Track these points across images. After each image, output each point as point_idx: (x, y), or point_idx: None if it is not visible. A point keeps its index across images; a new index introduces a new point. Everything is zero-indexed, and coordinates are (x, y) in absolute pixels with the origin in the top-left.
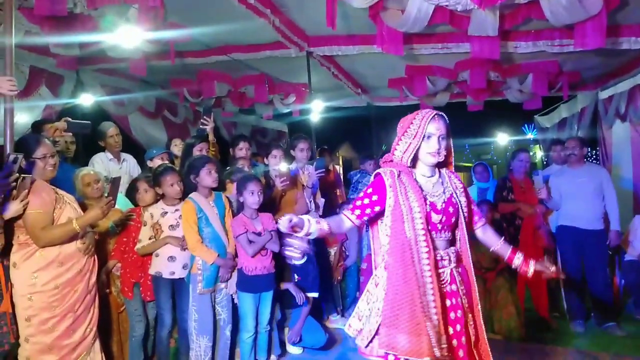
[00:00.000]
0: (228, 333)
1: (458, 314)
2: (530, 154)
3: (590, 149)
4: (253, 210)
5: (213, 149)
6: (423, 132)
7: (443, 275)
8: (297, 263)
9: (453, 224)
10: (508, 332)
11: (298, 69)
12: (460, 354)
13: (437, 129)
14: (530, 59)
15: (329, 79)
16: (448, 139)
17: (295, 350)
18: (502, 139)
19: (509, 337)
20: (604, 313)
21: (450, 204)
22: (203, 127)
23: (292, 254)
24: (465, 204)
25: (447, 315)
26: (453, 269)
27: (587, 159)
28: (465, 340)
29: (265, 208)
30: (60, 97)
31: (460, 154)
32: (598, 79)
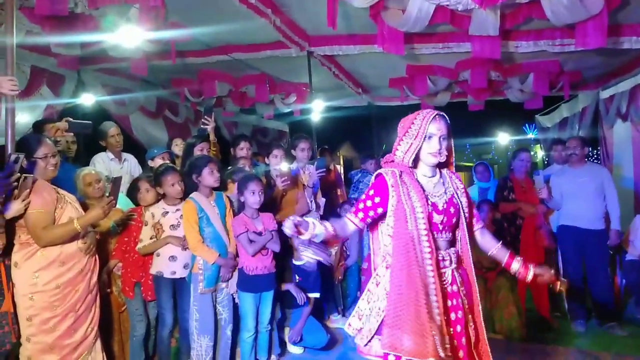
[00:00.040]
0: (229, 333)
1: (459, 315)
2: (531, 154)
3: (591, 149)
4: (254, 210)
5: (214, 149)
6: (424, 132)
7: (445, 276)
8: (298, 263)
9: (454, 225)
10: (509, 332)
11: (299, 69)
12: (461, 355)
13: (438, 129)
14: (531, 59)
15: (330, 79)
16: (449, 139)
17: (296, 350)
18: (503, 139)
19: (510, 337)
20: (605, 313)
21: (452, 205)
22: (204, 126)
23: (308, 257)
24: (466, 205)
25: (448, 316)
26: (454, 270)
27: (588, 159)
28: (466, 341)
29: (266, 208)
30: (62, 96)
31: (461, 154)
32: (599, 79)
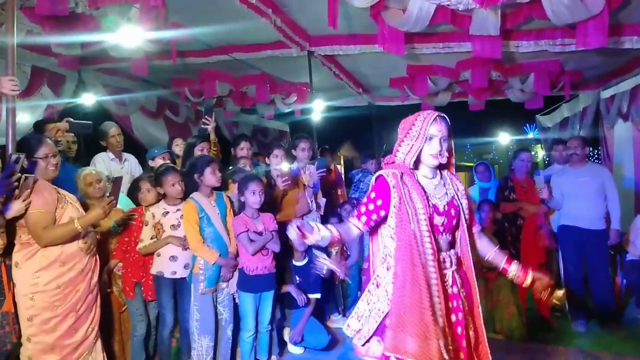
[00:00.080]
0: (229, 333)
1: (459, 317)
2: (532, 154)
3: (592, 149)
4: (254, 210)
5: (215, 149)
6: (425, 133)
7: (446, 278)
8: (298, 264)
9: (454, 226)
10: (509, 331)
11: (299, 69)
12: (462, 357)
13: (438, 131)
14: (532, 59)
15: (330, 79)
16: (449, 140)
17: (297, 350)
18: (503, 139)
19: (511, 336)
20: (606, 313)
21: (452, 206)
22: (204, 126)
23: (326, 264)
24: (466, 207)
25: (449, 318)
26: (454, 272)
27: (589, 159)
28: (466, 344)
29: (267, 208)
30: (62, 96)
31: (462, 154)
32: (600, 79)
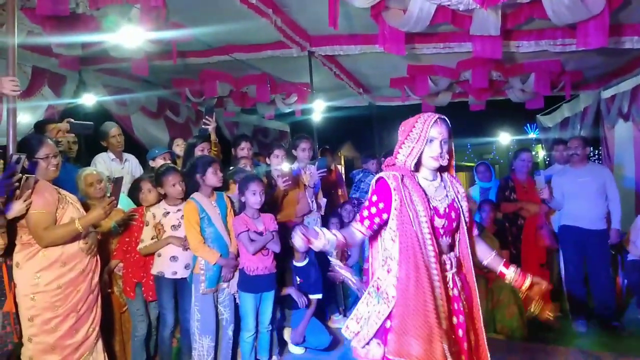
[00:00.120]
0: (230, 333)
1: (460, 319)
2: (533, 154)
3: (593, 149)
4: (255, 210)
5: (215, 149)
6: (426, 136)
7: (447, 280)
8: (298, 265)
9: (454, 229)
10: (510, 331)
11: (300, 69)
12: (463, 359)
13: (439, 133)
14: (533, 59)
15: (331, 79)
16: (450, 142)
17: (298, 350)
18: (504, 139)
19: (511, 336)
20: (607, 313)
21: (453, 209)
22: (205, 127)
23: (343, 273)
24: (466, 209)
25: (451, 320)
26: (454, 274)
27: (589, 159)
28: (467, 346)
29: (267, 208)
30: (63, 97)
31: (463, 154)
32: (600, 78)
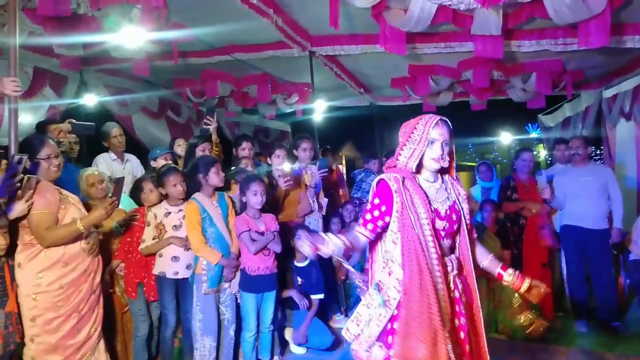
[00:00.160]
0: (232, 333)
1: (462, 321)
2: (534, 153)
3: (595, 148)
4: (256, 210)
5: (217, 149)
6: (427, 137)
7: (449, 282)
8: (300, 265)
9: (455, 231)
10: (512, 331)
11: (301, 69)
12: None
13: (440, 135)
14: (534, 58)
15: (332, 79)
16: (451, 144)
17: (299, 351)
18: (505, 138)
19: (513, 336)
20: (609, 313)
21: (454, 211)
22: (206, 127)
23: (356, 278)
24: (467, 211)
25: (453, 323)
26: (455, 276)
27: (591, 159)
28: (469, 348)
29: (268, 208)
30: (64, 97)
31: (464, 154)
32: (602, 78)
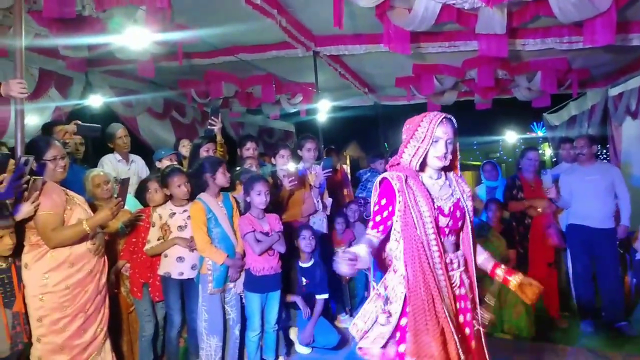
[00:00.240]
0: (237, 332)
1: (467, 317)
2: (540, 152)
3: (600, 147)
4: (260, 211)
5: (221, 150)
6: (431, 136)
7: (453, 279)
8: (304, 266)
9: (459, 228)
10: (517, 331)
11: (305, 69)
12: (470, 358)
13: (444, 133)
14: (539, 57)
15: (336, 79)
16: (455, 142)
17: (304, 350)
18: (510, 137)
19: (519, 336)
20: (615, 312)
21: (458, 208)
22: (211, 127)
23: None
24: (471, 209)
25: (458, 319)
26: (462, 273)
27: (598, 157)
28: (475, 344)
29: (273, 208)
30: (70, 98)
31: (469, 153)
32: (608, 76)
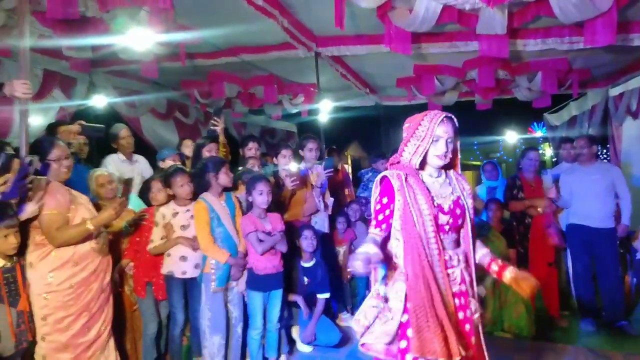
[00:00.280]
0: (240, 331)
1: (467, 314)
2: (540, 152)
3: (601, 147)
4: (262, 210)
5: (224, 150)
6: (432, 134)
7: (453, 276)
8: (306, 265)
9: (459, 226)
10: (518, 330)
11: (306, 70)
12: (471, 354)
13: (445, 132)
14: (540, 57)
15: (337, 79)
16: (455, 141)
17: (306, 349)
18: (511, 137)
19: (519, 335)
20: (615, 312)
21: (458, 206)
22: (213, 127)
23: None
24: (472, 206)
25: (457, 315)
26: (462, 269)
27: (598, 157)
28: (474, 340)
29: (274, 208)
30: (73, 99)
31: (469, 153)
32: (608, 76)
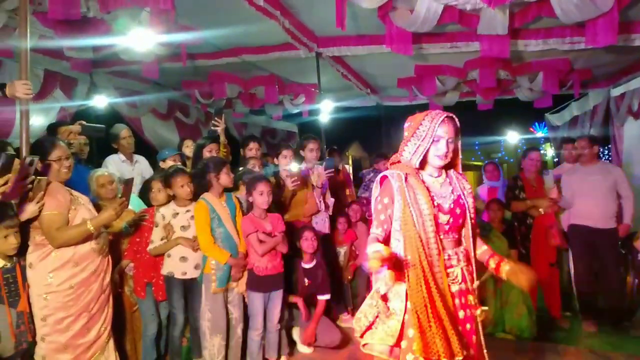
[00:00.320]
0: (240, 332)
1: (467, 313)
2: (542, 153)
3: (602, 147)
4: (262, 211)
5: (225, 150)
6: (432, 134)
7: (453, 275)
8: (307, 267)
9: (460, 225)
10: (519, 331)
11: (307, 70)
12: (472, 352)
13: (446, 132)
14: (541, 57)
15: (338, 80)
16: (456, 141)
17: (306, 350)
18: (512, 138)
19: (520, 336)
20: (617, 312)
21: (458, 205)
22: (214, 128)
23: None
24: (472, 205)
25: (457, 314)
26: (463, 268)
27: (600, 157)
28: (475, 339)
29: (275, 208)
30: (74, 99)
31: (471, 153)
32: (610, 76)
